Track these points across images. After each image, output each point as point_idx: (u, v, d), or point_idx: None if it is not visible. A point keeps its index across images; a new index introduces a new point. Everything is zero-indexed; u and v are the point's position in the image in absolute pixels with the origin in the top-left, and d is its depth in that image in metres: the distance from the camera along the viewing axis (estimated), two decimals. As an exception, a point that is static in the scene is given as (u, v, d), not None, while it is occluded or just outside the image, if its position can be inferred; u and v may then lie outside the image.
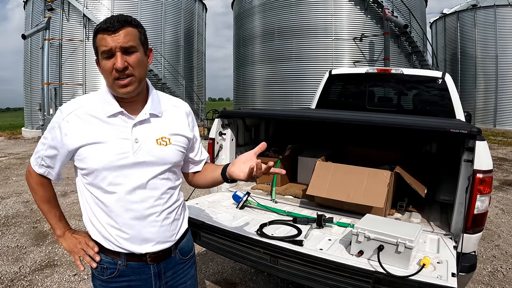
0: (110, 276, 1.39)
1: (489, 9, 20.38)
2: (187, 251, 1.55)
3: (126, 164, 1.30)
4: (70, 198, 6.12)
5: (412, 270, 1.76)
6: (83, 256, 1.42)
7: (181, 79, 19.32)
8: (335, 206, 2.75)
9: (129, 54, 1.27)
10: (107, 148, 1.29)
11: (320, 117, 3.24)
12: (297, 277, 1.98)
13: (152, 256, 1.39)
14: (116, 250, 1.36)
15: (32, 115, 18.02)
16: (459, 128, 2.21)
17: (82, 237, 1.45)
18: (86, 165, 1.31)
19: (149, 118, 1.37)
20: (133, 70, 1.28)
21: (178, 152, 1.43)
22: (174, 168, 1.44)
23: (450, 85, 4.41)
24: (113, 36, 1.24)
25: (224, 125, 3.17)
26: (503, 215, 5.49)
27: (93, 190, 1.34)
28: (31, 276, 3.46)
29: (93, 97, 1.37)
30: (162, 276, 1.44)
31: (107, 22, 1.25)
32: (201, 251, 3.94)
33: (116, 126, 1.32)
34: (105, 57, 1.26)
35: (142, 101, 1.39)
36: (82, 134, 1.29)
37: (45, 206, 1.48)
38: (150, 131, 1.36)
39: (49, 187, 1.48)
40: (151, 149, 1.34)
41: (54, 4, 16.95)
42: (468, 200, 2.17)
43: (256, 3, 17.84)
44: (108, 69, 1.26)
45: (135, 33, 1.29)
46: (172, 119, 1.44)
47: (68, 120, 1.31)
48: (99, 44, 1.27)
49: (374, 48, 15.86)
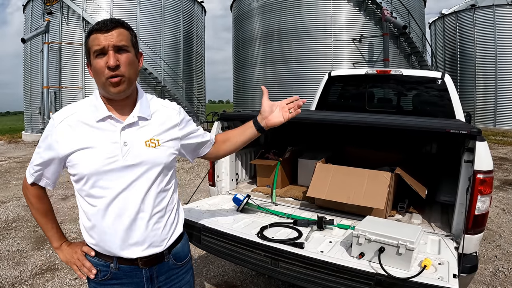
0: (103, 279, 1.41)
1: (488, 9, 20.39)
2: (182, 257, 1.53)
3: (116, 168, 1.31)
4: (71, 202, 6.12)
5: (413, 272, 1.76)
6: (80, 266, 1.44)
7: (180, 82, 19.32)
8: (335, 208, 2.75)
9: (121, 53, 1.29)
10: (96, 152, 1.30)
11: (320, 119, 3.24)
12: (298, 279, 1.98)
13: (144, 260, 1.39)
14: (107, 254, 1.38)
15: (32, 119, 18.01)
16: (459, 128, 2.21)
17: (78, 247, 1.47)
18: (77, 171, 1.32)
19: (137, 121, 1.37)
20: (124, 70, 1.29)
21: (168, 153, 1.42)
22: (166, 170, 1.42)
23: (450, 86, 4.42)
24: (106, 35, 1.27)
25: (223, 128, 3.17)
26: (504, 215, 5.48)
27: (84, 195, 1.36)
28: (32, 280, 3.46)
29: (84, 103, 1.39)
30: (155, 281, 1.44)
31: (100, 23, 1.29)
32: (201, 254, 3.93)
33: (105, 131, 1.33)
34: (97, 55, 1.28)
35: (131, 104, 1.40)
36: (72, 141, 1.31)
37: (42, 219, 1.50)
38: (138, 133, 1.37)
39: (46, 199, 1.50)
40: (140, 151, 1.34)
41: (53, 8, 16.97)
42: (469, 200, 2.17)
43: (255, 5, 17.85)
44: (100, 68, 1.28)
45: (127, 34, 1.32)
46: (161, 121, 1.43)
47: (59, 127, 1.33)
48: (91, 44, 1.29)
49: (373, 49, 15.86)
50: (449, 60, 22.89)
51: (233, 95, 21.02)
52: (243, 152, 3.53)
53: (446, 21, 23.16)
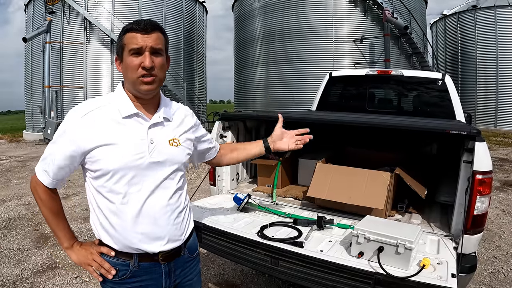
0: (122, 277, 1.41)
1: (489, 10, 20.40)
2: (194, 249, 1.61)
3: (142, 164, 1.35)
4: (72, 201, 6.14)
5: (412, 271, 1.76)
6: (97, 267, 1.42)
7: (182, 81, 19.33)
8: (335, 207, 2.76)
9: (156, 56, 1.34)
10: (124, 148, 1.32)
11: (321, 119, 3.25)
12: (298, 278, 1.99)
13: (164, 256, 1.43)
14: (128, 252, 1.38)
15: (33, 118, 18.03)
16: (459, 129, 2.22)
17: (92, 248, 1.44)
18: (100, 166, 1.32)
19: (162, 121, 1.44)
20: (157, 71, 1.35)
21: (186, 153, 1.51)
22: (182, 168, 1.50)
23: (450, 86, 4.43)
24: (145, 36, 1.32)
25: (224, 128, 3.18)
26: (504, 215, 5.49)
27: (106, 191, 1.34)
28: (33, 279, 3.47)
29: (109, 98, 1.40)
30: (172, 275, 1.48)
31: (140, 23, 1.32)
32: (202, 253, 3.94)
33: (131, 127, 1.36)
34: (132, 53, 1.32)
35: (154, 104, 1.45)
36: (96, 135, 1.30)
37: (53, 218, 1.46)
38: (163, 133, 1.43)
39: (57, 198, 1.47)
40: (164, 149, 1.41)
41: (54, 7, 16.99)
42: (468, 201, 2.17)
43: (256, 6, 17.87)
44: (135, 66, 1.32)
45: (163, 39, 1.38)
46: (180, 122, 1.52)
47: (82, 121, 1.31)
48: (128, 42, 1.32)
49: (375, 49, 15.86)
50: (450, 61, 22.89)
51: (234, 95, 21.04)
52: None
53: (447, 22, 23.16)
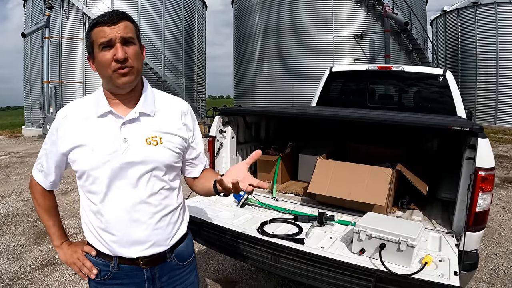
0: (103, 278, 1.39)
1: (490, 6, 20.32)
2: (186, 257, 1.49)
3: (115, 164, 1.28)
4: (71, 197, 6.12)
5: (414, 269, 1.75)
6: (80, 266, 1.42)
7: (181, 77, 19.29)
8: (336, 204, 2.74)
9: (128, 45, 1.27)
10: (96, 148, 1.28)
11: (321, 115, 3.22)
12: (298, 275, 1.97)
13: (145, 260, 1.36)
14: (108, 253, 1.36)
15: (33, 114, 17.98)
16: (461, 125, 2.19)
17: (79, 247, 1.46)
18: (77, 167, 1.31)
19: (138, 117, 1.33)
20: (132, 61, 1.26)
21: (170, 152, 1.36)
22: (169, 169, 1.38)
23: (451, 82, 4.40)
24: (113, 28, 1.24)
25: (224, 123, 3.15)
26: (504, 212, 5.48)
27: (85, 191, 1.35)
28: (31, 275, 3.46)
29: (87, 99, 1.38)
30: (157, 281, 1.41)
31: (105, 15, 1.26)
32: (201, 250, 3.93)
33: (105, 126, 1.31)
34: (103, 48, 1.24)
35: (136, 99, 1.36)
36: (73, 136, 1.30)
37: (44, 216, 1.49)
38: (139, 130, 1.32)
39: (50, 197, 1.50)
40: (140, 148, 1.30)
41: (53, 3, 16.89)
42: (470, 198, 2.15)
43: (256, 1, 17.76)
44: (107, 61, 1.24)
45: (132, 27, 1.30)
46: (166, 118, 1.38)
47: (62, 123, 1.33)
48: (96, 36, 1.25)
49: (375, 45, 15.81)
50: (450, 57, 22.82)
51: (233, 90, 20.98)
52: (243, 147, 3.52)
53: (448, 18, 23.07)
